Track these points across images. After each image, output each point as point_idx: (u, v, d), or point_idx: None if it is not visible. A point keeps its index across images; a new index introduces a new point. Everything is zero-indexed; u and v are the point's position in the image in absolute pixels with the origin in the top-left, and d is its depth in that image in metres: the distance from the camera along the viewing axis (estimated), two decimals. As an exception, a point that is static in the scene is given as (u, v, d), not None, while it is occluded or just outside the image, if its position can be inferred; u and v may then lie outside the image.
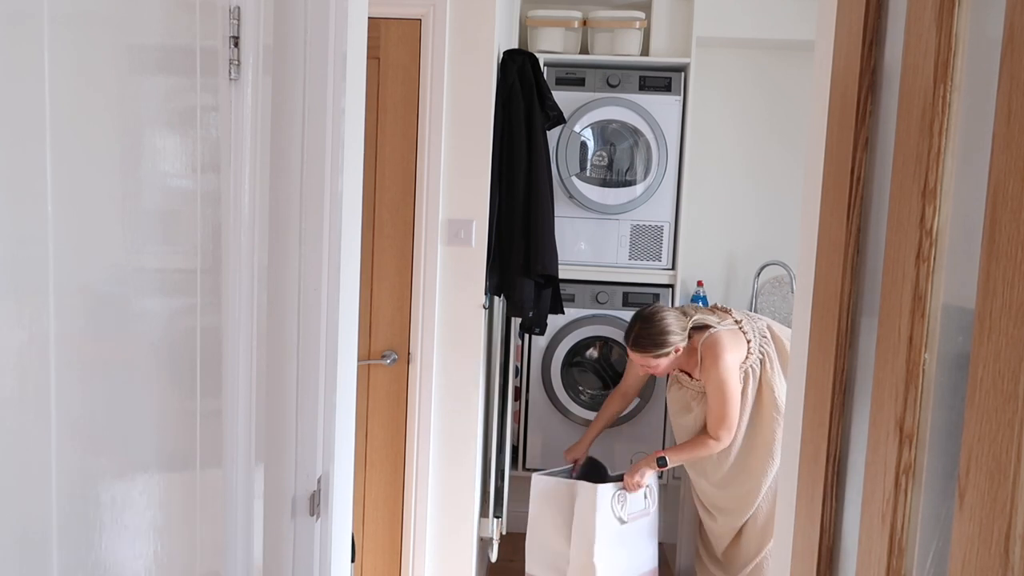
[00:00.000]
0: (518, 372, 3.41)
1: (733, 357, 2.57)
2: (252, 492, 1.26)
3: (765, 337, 2.64)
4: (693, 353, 2.66)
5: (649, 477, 2.73)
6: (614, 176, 3.44)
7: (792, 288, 3.57)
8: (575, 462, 3.07)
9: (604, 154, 3.44)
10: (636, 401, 3.41)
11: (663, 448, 3.16)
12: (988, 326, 0.68)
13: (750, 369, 2.60)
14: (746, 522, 2.71)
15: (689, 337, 2.65)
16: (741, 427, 2.62)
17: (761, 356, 2.60)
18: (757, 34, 3.42)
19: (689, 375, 2.72)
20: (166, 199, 1.04)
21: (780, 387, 2.57)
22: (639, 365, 2.73)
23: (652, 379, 3.39)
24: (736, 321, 2.66)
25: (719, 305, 2.89)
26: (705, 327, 2.64)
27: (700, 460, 2.71)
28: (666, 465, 2.71)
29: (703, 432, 2.65)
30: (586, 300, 3.41)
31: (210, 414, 1.17)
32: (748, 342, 2.60)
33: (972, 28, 0.80)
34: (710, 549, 2.91)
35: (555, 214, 2.95)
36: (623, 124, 3.37)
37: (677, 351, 2.63)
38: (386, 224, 2.55)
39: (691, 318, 2.68)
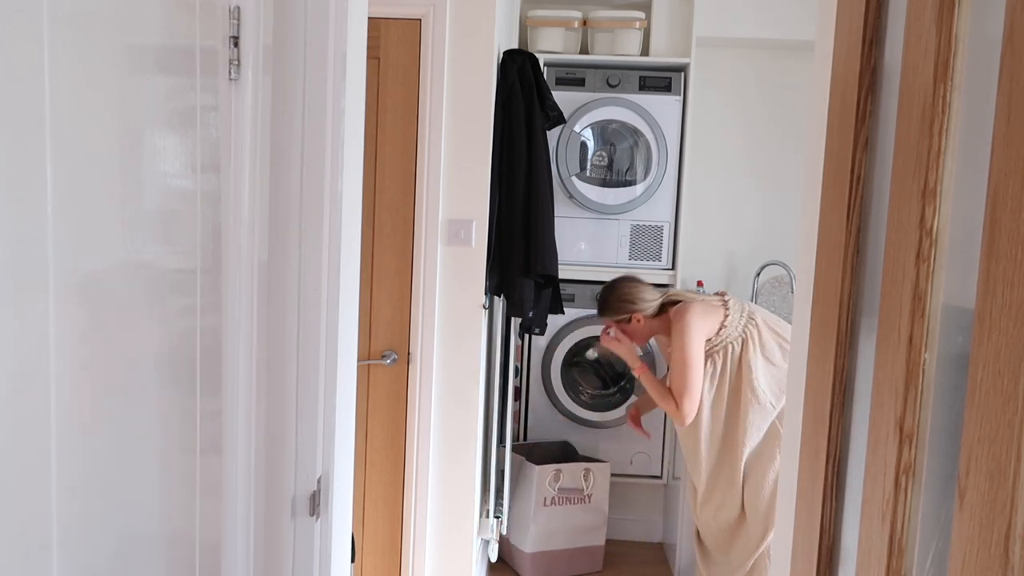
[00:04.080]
0: (518, 372, 3.41)
1: (700, 324, 2.59)
2: (252, 491, 1.26)
3: (752, 320, 2.64)
4: (668, 326, 2.68)
5: (623, 350, 2.75)
6: (614, 176, 3.44)
7: (792, 288, 3.57)
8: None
9: (604, 154, 3.44)
10: (634, 399, 3.41)
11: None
12: (988, 326, 0.68)
13: (730, 345, 2.62)
14: (743, 511, 2.71)
15: (664, 310, 2.69)
16: (721, 404, 2.63)
17: (743, 336, 2.61)
18: (757, 34, 3.42)
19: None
20: (166, 199, 1.04)
21: (759, 370, 2.59)
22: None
23: (655, 364, 3.40)
24: (723, 301, 2.68)
25: (721, 292, 2.90)
26: (679, 301, 2.70)
27: (684, 438, 2.72)
28: (637, 373, 2.74)
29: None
30: (586, 300, 3.41)
31: (210, 414, 1.17)
32: (725, 316, 2.62)
33: (972, 28, 0.80)
34: (705, 549, 2.91)
35: (555, 214, 2.95)
36: (623, 124, 3.37)
37: (638, 320, 2.68)
38: (386, 224, 2.55)
39: (667, 294, 2.73)
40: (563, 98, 3.19)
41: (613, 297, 2.73)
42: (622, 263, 3.44)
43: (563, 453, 3.42)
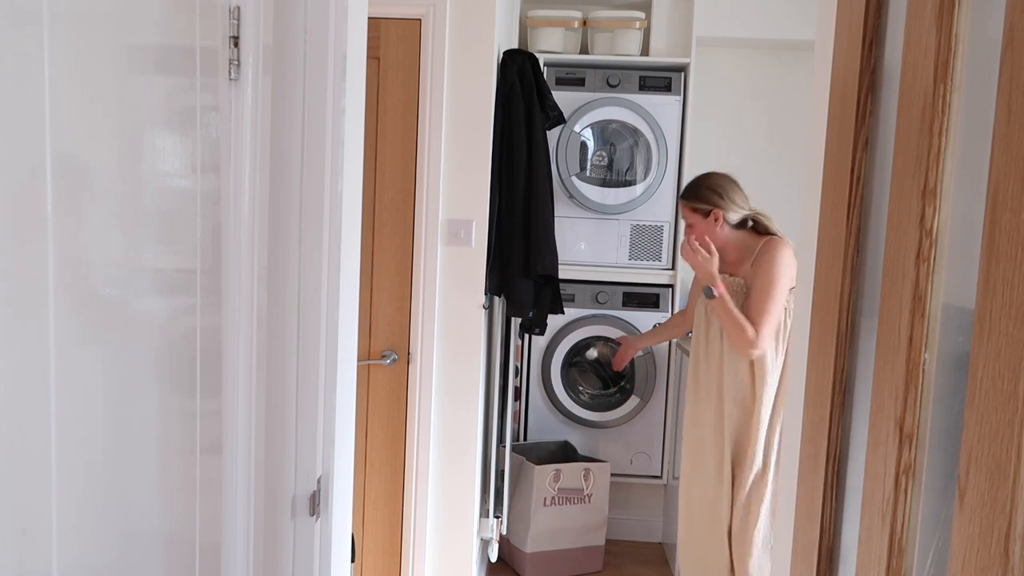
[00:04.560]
0: (518, 372, 3.41)
1: (793, 265, 2.46)
2: (252, 491, 1.26)
3: None
4: (747, 252, 2.56)
5: (703, 266, 2.52)
6: (614, 176, 3.44)
7: (792, 288, 3.57)
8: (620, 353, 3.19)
9: (604, 154, 3.44)
10: (636, 401, 3.42)
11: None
12: (988, 326, 0.68)
13: (791, 312, 2.48)
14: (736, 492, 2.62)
15: (744, 226, 2.56)
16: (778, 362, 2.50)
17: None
18: (757, 34, 3.42)
19: (731, 275, 2.59)
20: (166, 199, 1.04)
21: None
22: (684, 220, 2.65)
23: (655, 364, 3.40)
24: None
25: None
26: (769, 231, 2.58)
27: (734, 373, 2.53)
28: (712, 296, 2.52)
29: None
30: (586, 300, 3.41)
31: (210, 414, 1.17)
32: None
33: (972, 28, 0.80)
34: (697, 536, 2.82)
35: (555, 214, 2.95)
36: (623, 124, 3.38)
37: (716, 218, 2.56)
38: (386, 224, 2.55)
39: (756, 212, 2.60)
40: (563, 98, 3.19)
41: (704, 184, 2.61)
42: (622, 263, 3.44)
43: (563, 453, 3.42)
